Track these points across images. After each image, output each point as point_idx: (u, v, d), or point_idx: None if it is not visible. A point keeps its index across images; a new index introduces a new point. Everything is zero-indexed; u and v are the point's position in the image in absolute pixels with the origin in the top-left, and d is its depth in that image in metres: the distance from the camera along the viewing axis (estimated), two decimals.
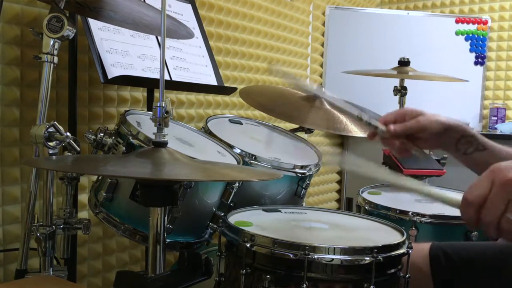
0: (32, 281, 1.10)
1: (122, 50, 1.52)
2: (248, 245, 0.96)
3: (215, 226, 1.30)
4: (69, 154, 1.16)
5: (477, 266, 1.12)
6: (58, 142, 1.11)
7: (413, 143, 1.16)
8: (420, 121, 1.13)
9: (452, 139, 1.14)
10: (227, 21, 2.24)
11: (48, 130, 1.10)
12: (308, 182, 1.53)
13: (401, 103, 2.20)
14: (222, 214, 1.29)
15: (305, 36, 2.94)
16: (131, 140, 1.21)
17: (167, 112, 0.95)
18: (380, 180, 0.97)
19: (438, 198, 0.91)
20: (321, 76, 3.16)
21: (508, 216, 0.77)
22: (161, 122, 0.95)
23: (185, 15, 1.83)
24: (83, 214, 1.64)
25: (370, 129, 1.17)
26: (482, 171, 0.83)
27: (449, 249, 1.15)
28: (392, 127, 1.13)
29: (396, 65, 2.18)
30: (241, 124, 1.72)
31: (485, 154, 1.15)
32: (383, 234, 1.11)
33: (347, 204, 3.26)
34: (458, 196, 0.86)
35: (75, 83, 1.52)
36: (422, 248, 1.16)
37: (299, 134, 1.82)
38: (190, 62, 1.76)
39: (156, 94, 1.72)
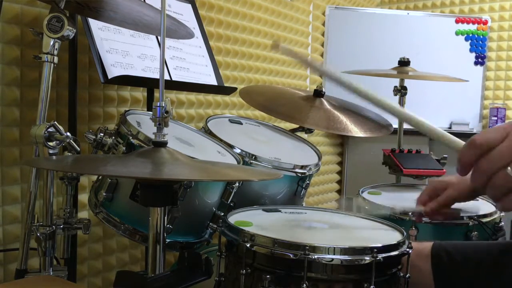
0: (32, 281, 1.10)
1: (122, 50, 1.52)
2: (248, 245, 0.96)
3: (215, 226, 1.30)
4: (69, 154, 1.16)
5: (478, 265, 1.12)
6: (58, 142, 1.11)
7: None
8: (450, 194, 1.23)
9: (477, 194, 1.22)
10: (227, 21, 2.24)
11: (48, 130, 1.10)
12: (308, 182, 1.53)
13: (401, 103, 2.19)
14: (222, 214, 1.29)
15: (305, 36, 2.94)
16: (131, 140, 1.21)
17: (167, 112, 0.95)
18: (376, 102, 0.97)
19: (439, 137, 0.89)
20: (321, 76, 3.16)
21: (507, 171, 0.76)
22: (161, 122, 0.95)
23: (185, 15, 1.83)
24: (83, 214, 1.64)
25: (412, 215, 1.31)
26: None
27: (451, 248, 1.15)
28: (429, 208, 1.24)
29: (396, 65, 2.17)
30: (241, 124, 1.72)
31: None
32: (383, 234, 1.11)
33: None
34: (459, 141, 0.85)
35: (75, 83, 1.52)
36: (424, 247, 1.16)
37: (299, 134, 1.82)
38: (190, 62, 1.76)
39: (156, 94, 1.72)
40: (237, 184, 1.32)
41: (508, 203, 0.79)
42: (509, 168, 0.76)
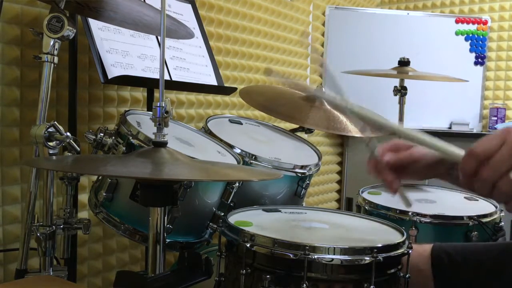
0: (32, 281, 1.10)
1: (122, 50, 1.52)
2: (248, 245, 0.96)
3: (215, 226, 1.30)
4: (69, 154, 1.16)
5: (478, 266, 1.12)
6: (58, 142, 1.11)
7: (406, 175, 1.16)
8: (412, 153, 1.12)
9: (444, 169, 1.13)
10: (227, 21, 2.24)
11: (48, 130, 1.10)
12: (308, 182, 1.53)
13: (401, 103, 2.20)
14: (222, 214, 1.29)
15: (305, 36, 2.94)
16: (131, 140, 1.21)
17: (167, 112, 0.95)
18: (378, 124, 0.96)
19: (438, 149, 0.89)
20: (321, 76, 3.16)
21: (511, 177, 0.76)
22: (161, 122, 0.95)
23: (185, 15, 1.83)
24: (83, 214, 1.64)
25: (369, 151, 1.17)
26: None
27: (451, 249, 1.15)
28: (386, 157, 1.11)
29: (396, 65, 2.18)
30: (241, 124, 1.72)
31: None
32: (383, 234, 1.11)
33: (347, 204, 3.26)
34: (460, 151, 0.85)
35: (75, 83, 1.52)
36: (424, 249, 1.16)
37: (299, 134, 1.82)
38: (190, 62, 1.76)
39: (156, 94, 1.72)
40: (237, 184, 1.32)
41: None
42: (511, 174, 0.76)
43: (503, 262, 1.10)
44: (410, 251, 1.01)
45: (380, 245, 0.95)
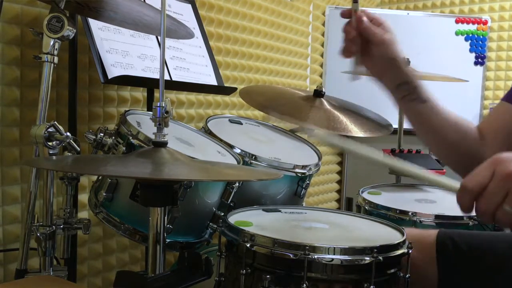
0: (32, 281, 1.10)
1: (122, 50, 1.52)
2: (248, 245, 0.96)
3: (215, 226, 1.30)
4: (69, 154, 1.16)
5: (484, 254, 1.11)
6: (58, 142, 1.11)
7: (363, 53, 1.16)
8: (385, 35, 1.16)
9: (395, 78, 1.14)
10: (227, 21, 2.24)
11: (48, 130, 1.10)
12: (308, 182, 1.53)
13: None
14: (222, 214, 1.29)
15: (305, 36, 2.94)
16: (131, 140, 1.21)
17: (167, 112, 0.95)
18: (374, 161, 0.98)
19: (435, 183, 0.91)
20: (321, 76, 3.16)
21: (505, 207, 0.78)
22: (161, 122, 0.95)
23: (185, 15, 1.83)
24: (83, 214, 1.64)
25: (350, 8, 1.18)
26: (417, 123, 0.77)
27: (456, 236, 1.15)
28: (362, 15, 1.14)
29: None
30: (241, 124, 1.72)
31: (425, 106, 1.20)
32: (383, 234, 1.11)
33: (347, 204, 3.26)
34: (456, 183, 0.86)
35: (75, 83, 1.52)
36: (429, 234, 1.16)
37: (299, 134, 1.82)
38: (190, 62, 1.76)
39: (156, 94, 1.73)
40: (237, 184, 1.32)
41: None
42: (505, 206, 0.78)
43: (509, 252, 1.10)
44: (410, 251, 1.00)
45: (380, 245, 0.95)
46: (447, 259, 1.12)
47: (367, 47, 1.17)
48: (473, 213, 0.84)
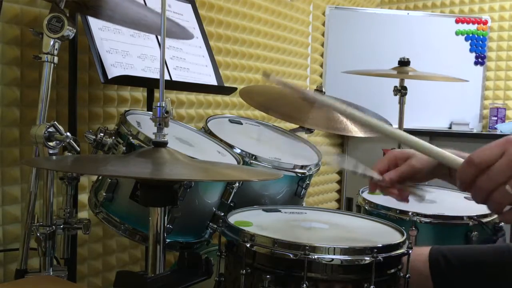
0: (32, 281, 1.10)
1: (122, 50, 1.52)
2: (248, 245, 0.96)
3: (215, 226, 1.30)
4: (69, 154, 1.16)
5: (476, 269, 1.12)
6: (58, 142, 1.11)
7: (409, 183, 1.15)
8: (413, 165, 1.12)
9: (446, 170, 1.13)
10: (227, 21, 2.24)
11: (48, 130, 1.10)
12: (308, 182, 1.53)
13: (401, 103, 2.20)
14: (222, 214, 1.29)
15: (305, 36, 2.94)
16: (131, 140, 1.21)
17: (167, 112, 0.95)
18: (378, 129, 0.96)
19: (438, 156, 0.90)
20: (321, 76, 3.16)
21: (507, 188, 0.77)
22: (161, 122, 0.95)
23: (185, 15, 1.83)
24: (83, 214, 1.64)
25: (367, 179, 1.17)
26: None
27: (448, 252, 1.15)
28: (387, 177, 1.11)
29: (396, 65, 2.18)
30: (241, 124, 1.72)
31: None
32: (383, 234, 1.11)
33: (347, 204, 3.26)
34: (459, 158, 0.85)
35: (75, 83, 1.52)
36: (421, 252, 1.16)
37: (299, 134, 1.82)
38: (190, 62, 1.76)
39: (156, 94, 1.72)
40: (237, 184, 1.32)
41: (508, 216, 0.80)
42: (507, 186, 0.77)
43: (501, 266, 1.10)
44: (410, 251, 1.01)
45: (380, 245, 0.95)
46: (440, 276, 1.13)
47: (411, 180, 1.16)
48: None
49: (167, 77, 1.62)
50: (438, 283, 1.13)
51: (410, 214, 1.39)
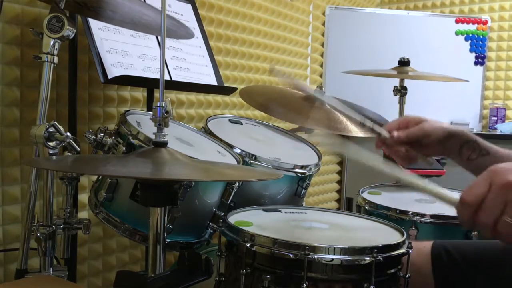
0: (32, 281, 1.10)
1: (122, 50, 1.52)
2: (248, 245, 0.96)
3: (215, 226, 1.30)
4: (69, 154, 1.16)
5: (478, 264, 1.12)
6: (58, 142, 1.11)
7: (417, 150, 1.16)
8: (423, 127, 1.13)
9: (455, 145, 1.13)
10: (227, 21, 2.24)
11: (48, 130, 1.10)
12: (308, 182, 1.53)
13: (401, 103, 2.20)
14: (222, 214, 1.29)
15: (305, 36, 2.94)
16: (131, 140, 1.21)
17: (167, 112, 0.95)
18: (378, 171, 0.97)
19: (435, 195, 0.91)
20: (321, 76, 3.16)
21: (505, 219, 0.77)
22: (161, 122, 0.95)
23: (185, 15, 1.83)
24: (83, 214, 1.64)
25: (374, 135, 1.16)
26: None
27: (450, 247, 1.15)
28: (395, 133, 1.12)
29: (396, 65, 2.18)
30: (241, 124, 1.72)
31: (488, 158, 1.16)
32: (383, 234, 1.11)
33: (347, 204, 3.26)
34: (455, 195, 0.86)
35: (75, 83, 1.52)
36: (423, 246, 1.16)
37: (299, 134, 1.82)
38: (190, 62, 1.76)
39: (156, 94, 1.72)
40: (237, 184, 1.32)
41: None
42: (506, 217, 0.77)
43: (504, 260, 1.10)
44: (410, 251, 1.01)
45: (380, 245, 0.95)
46: (442, 271, 1.13)
47: (419, 145, 1.16)
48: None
49: (167, 77, 1.62)
50: (440, 278, 1.13)
51: (410, 214, 1.39)
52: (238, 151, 1.39)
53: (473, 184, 0.81)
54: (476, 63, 3.29)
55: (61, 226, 1.22)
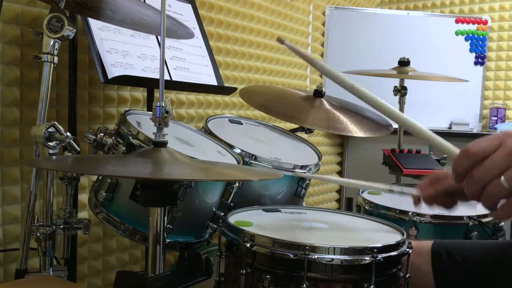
0: (32, 281, 1.10)
1: (122, 50, 1.52)
2: (248, 245, 0.96)
3: (215, 226, 1.30)
4: (69, 154, 1.16)
5: (478, 264, 1.12)
6: (58, 142, 1.11)
7: (455, 197, 1.15)
8: (451, 183, 1.10)
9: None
10: (227, 21, 2.24)
11: (48, 130, 1.10)
12: (308, 182, 1.53)
13: (401, 103, 2.20)
14: (222, 214, 1.29)
15: (305, 36, 2.94)
16: (131, 140, 1.21)
17: (167, 112, 0.95)
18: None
19: (436, 144, 0.89)
20: (321, 76, 3.16)
21: (501, 181, 0.76)
22: (161, 122, 0.95)
23: (185, 15, 1.83)
24: (83, 214, 1.64)
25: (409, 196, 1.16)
26: None
27: (450, 247, 1.15)
28: (425, 192, 1.10)
29: (396, 65, 2.18)
30: (241, 124, 1.72)
31: None
32: (383, 234, 1.11)
33: (347, 204, 3.26)
34: (455, 148, 0.85)
35: (75, 83, 1.52)
36: (423, 246, 1.16)
37: (299, 134, 1.82)
38: (190, 62, 1.76)
39: (156, 94, 1.72)
40: (237, 184, 1.32)
41: (502, 213, 0.79)
42: (502, 178, 0.76)
43: (503, 260, 1.10)
44: (410, 251, 1.01)
45: (380, 245, 0.95)
46: (442, 271, 1.13)
47: (455, 193, 1.15)
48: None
49: (167, 77, 1.62)
50: (440, 278, 1.13)
51: (410, 214, 1.39)
52: (238, 151, 1.39)
53: (483, 139, 0.78)
54: (476, 63, 3.29)
55: (61, 226, 1.22)
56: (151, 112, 1.03)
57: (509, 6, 3.31)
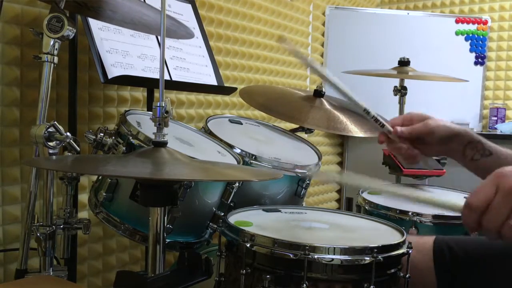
0: (32, 281, 1.10)
1: (122, 50, 1.52)
2: (248, 245, 0.96)
3: (215, 226, 1.30)
4: (69, 154, 1.16)
5: (480, 259, 1.11)
6: (58, 142, 1.11)
7: (420, 148, 1.15)
8: (427, 124, 1.11)
9: (459, 145, 1.12)
10: (227, 21, 2.24)
11: (48, 130, 1.10)
12: (308, 182, 1.53)
13: (401, 103, 2.20)
14: (222, 214, 1.29)
15: (305, 36, 2.94)
16: (131, 140, 1.21)
17: (167, 112, 0.95)
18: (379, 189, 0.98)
19: (439, 205, 0.91)
20: (321, 77, 3.16)
21: (511, 222, 0.77)
22: (161, 122, 0.95)
23: (185, 15, 1.83)
24: (83, 214, 1.64)
25: (377, 129, 1.15)
26: (486, 176, 0.82)
27: (452, 243, 1.15)
28: (399, 128, 1.11)
29: (396, 65, 2.18)
30: (241, 124, 1.72)
31: (491, 159, 1.15)
32: (383, 234, 1.11)
33: (347, 204, 3.26)
34: (459, 201, 0.86)
35: (75, 83, 1.52)
36: (425, 242, 1.16)
37: (299, 134, 1.82)
38: (190, 62, 1.76)
39: (156, 94, 1.72)
40: (237, 184, 1.32)
41: None
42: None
43: (506, 256, 1.10)
44: (410, 251, 1.01)
45: (380, 245, 0.95)
46: (444, 267, 1.12)
47: (422, 143, 1.14)
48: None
49: (167, 77, 1.62)
50: (442, 275, 1.13)
51: (410, 214, 1.39)
52: (238, 151, 1.39)
53: (479, 188, 0.81)
54: (476, 63, 3.29)
55: (61, 226, 1.22)
56: (151, 112, 1.03)
57: (509, 6, 3.31)
